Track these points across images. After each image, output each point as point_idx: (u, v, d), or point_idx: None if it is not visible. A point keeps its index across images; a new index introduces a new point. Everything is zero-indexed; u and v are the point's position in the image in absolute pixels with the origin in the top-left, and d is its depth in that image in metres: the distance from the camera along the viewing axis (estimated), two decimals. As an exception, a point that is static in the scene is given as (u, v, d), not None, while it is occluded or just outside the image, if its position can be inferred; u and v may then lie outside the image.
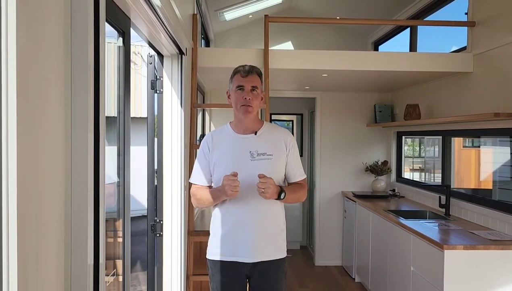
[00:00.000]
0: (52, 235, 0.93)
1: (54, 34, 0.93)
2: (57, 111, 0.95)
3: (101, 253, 1.06)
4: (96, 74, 1.05)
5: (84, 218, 0.99)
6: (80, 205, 0.99)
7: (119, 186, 1.74)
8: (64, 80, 0.98)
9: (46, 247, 0.90)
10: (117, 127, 1.74)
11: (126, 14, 1.73)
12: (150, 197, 2.55)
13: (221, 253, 1.95)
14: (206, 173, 2.00)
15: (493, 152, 3.71)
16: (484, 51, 3.25)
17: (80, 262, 0.98)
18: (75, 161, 0.99)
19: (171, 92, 2.62)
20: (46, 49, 0.89)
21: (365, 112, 5.19)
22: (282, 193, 1.87)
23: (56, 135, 0.94)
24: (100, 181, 1.05)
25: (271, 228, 1.95)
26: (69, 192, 0.98)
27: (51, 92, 0.92)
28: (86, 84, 1.00)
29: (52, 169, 0.93)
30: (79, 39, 0.99)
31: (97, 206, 1.05)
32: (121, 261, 1.80)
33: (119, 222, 1.85)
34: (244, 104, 1.90)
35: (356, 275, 4.65)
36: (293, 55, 3.71)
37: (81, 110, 0.99)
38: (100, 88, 1.06)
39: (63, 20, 0.97)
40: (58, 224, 0.96)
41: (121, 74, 1.73)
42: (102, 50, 1.09)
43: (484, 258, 2.62)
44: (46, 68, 0.89)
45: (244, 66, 1.96)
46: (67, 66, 0.98)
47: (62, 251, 0.97)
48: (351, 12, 5.23)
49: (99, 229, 1.04)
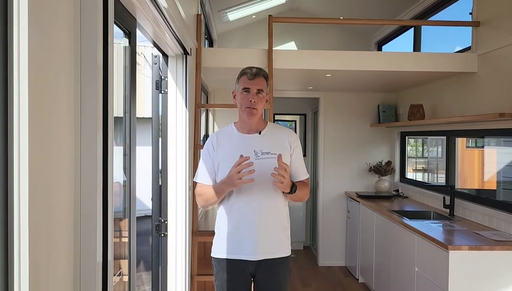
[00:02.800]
0: (62, 233, 0.94)
1: (64, 36, 0.94)
2: (67, 112, 0.96)
3: (110, 251, 1.07)
4: (104, 76, 1.06)
5: (93, 217, 1.00)
6: (89, 203, 1.00)
7: (125, 185, 1.75)
8: (74, 83, 0.99)
9: (56, 245, 0.91)
10: (123, 128, 1.74)
11: (132, 15, 1.73)
12: (155, 197, 2.56)
13: (226, 251, 1.97)
14: (211, 172, 2.01)
15: (497, 152, 3.70)
16: (489, 51, 3.25)
17: (89, 259, 0.98)
18: (85, 161, 1.00)
19: (176, 92, 2.63)
20: (56, 52, 0.90)
21: (369, 113, 5.18)
22: (294, 187, 1.89)
23: (66, 137, 0.95)
24: (108, 180, 1.06)
25: (276, 226, 1.97)
26: (78, 191, 0.99)
27: (61, 94, 0.93)
28: (95, 86, 1.01)
29: (63, 169, 0.94)
30: (88, 42, 1.01)
31: (106, 205, 1.05)
32: (127, 261, 1.81)
33: (125, 221, 1.86)
34: (249, 106, 1.93)
35: (360, 276, 4.64)
36: (297, 55, 3.71)
37: (90, 111, 1.00)
38: (109, 90, 1.07)
39: (72, 22, 0.98)
40: (68, 222, 0.97)
41: (127, 75, 1.73)
42: (111, 52, 1.10)
43: (489, 258, 2.61)
44: (56, 70, 0.91)
45: (252, 68, 1.97)
46: (76, 68, 0.99)
47: (72, 249, 0.98)
48: (354, 12, 5.22)
49: (107, 227, 1.05)
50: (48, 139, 0.86)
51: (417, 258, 3.06)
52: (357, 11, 5.23)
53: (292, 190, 1.89)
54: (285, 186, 1.83)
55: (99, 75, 1.02)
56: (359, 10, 5.21)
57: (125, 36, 1.71)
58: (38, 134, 0.80)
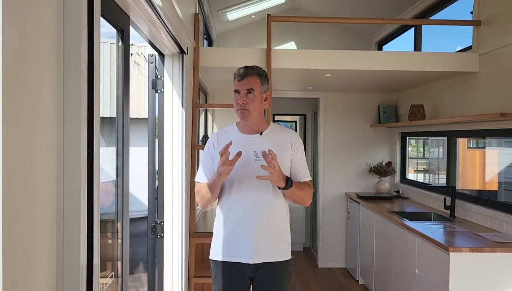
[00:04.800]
0: (43, 234, 0.90)
1: (46, 31, 0.91)
2: (49, 110, 0.93)
3: (95, 254, 1.03)
4: (90, 72, 1.02)
5: (76, 217, 0.96)
6: (72, 203, 0.96)
7: (118, 186, 1.72)
8: (57, 79, 0.95)
9: (37, 247, 0.87)
10: (116, 128, 1.71)
11: (125, 12, 1.70)
12: (151, 198, 2.53)
13: (224, 253, 1.92)
14: (211, 172, 1.97)
15: (498, 153, 3.66)
16: (490, 50, 3.21)
17: (72, 262, 0.95)
18: (68, 161, 0.96)
19: (172, 92, 2.60)
20: (36, 47, 0.87)
21: (369, 113, 5.14)
22: (289, 181, 1.84)
23: (48, 135, 0.92)
24: (94, 180, 1.03)
25: (275, 229, 1.92)
26: (61, 191, 0.96)
27: (42, 91, 0.90)
28: (78, 83, 0.97)
29: (43, 168, 0.91)
30: (72, 35, 0.97)
31: (91, 205, 1.02)
32: (120, 262, 1.77)
33: (119, 223, 1.83)
34: (240, 108, 1.89)
35: (360, 277, 4.60)
36: (296, 55, 3.67)
37: (73, 109, 0.97)
38: (95, 87, 1.04)
39: (55, 15, 0.95)
40: (50, 223, 0.93)
41: (120, 74, 1.70)
42: (97, 47, 1.06)
43: (490, 260, 2.57)
44: (36, 67, 0.87)
45: (240, 69, 1.92)
46: (59, 65, 0.96)
47: (54, 251, 0.94)
48: (354, 12, 5.19)
49: (93, 228, 1.01)
50: (27, 137, 0.83)
51: (418, 259, 3.02)
52: (358, 11, 5.19)
53: (287, 184, 1.83)
54: (277, 179, 1.77)
55: (83, 71, 0.99)
56: (359, 10, 5.18)
57: (118, 34, 1.68)
58: (14, 132, 0.77)
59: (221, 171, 1.77)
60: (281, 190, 1.88)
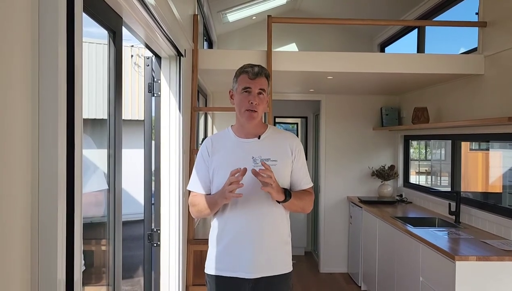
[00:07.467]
0: (15, 246, 0.83)
1: (17, 25, 0.83)
2: (22, 112, 0.85)
3: (76, 267, 0.94)
4: (70, 71, 0.94)
5: (53, 227, 0.87)
6: (48, 213, 0.88)
7: (109, 191, 1.64)
8: (31, 80, 0.87)
9: (8, 260, 0.80)
10: (108, 131, 1.64)
11: (117, 13, 1.63)
12: (147, 205, 2.44)
13: (220, 267, 1.80)
14: (205, 179, 1.84)
15: (502, 156, 3.58)
16: (496, 52, 3.13)
17: (48, 276, 0.86)
18: (44, 166, 0.88)
19: (169, 95, 2.52)
20: (4, 42, 0.79)
21: (371, 116, 5.07)
22: (287, 193, 1.73)
23: (21, 137, 0.85)
24: (75, 186, 0.95)
25: (275, 241, 1.80)
26: (36, 198, 0.88)
27: (14, 91, 0.82)
28: (56, 83, 0.88)
29: (15, 170, 0.83)
30: (47, 33, 0.88)
31: (72, 214, 0.93)
32: (112, 270, 1.70)
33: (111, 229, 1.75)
34: (249, 109, 1.75)
35: (362, 283, 4.51)
36: (297, 57, 3.60)
37: (50, 111, 0.88)
38: (76, 88, 0.95)
39: (29, 9, 0.87)
40: (24, 234, 0.86)
41: (112, 76, 1.63)
42: (79, 45, 0.98)
43: (498, 269, 2.49)
44: (7, 65, 0.80)
45: (253, 67, 1.80)
46: (34, 64, 0.88)
47: (29, 264, 0.87)
48: (356, 13, 5.12)
49: (73, 239, 0.93)
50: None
51: (422, 267, 2.94)
52: (359, 12, 5.12)
53: (286, 197, 1.73)
54: (275, 192, 1.67)
55: (61, 71, 0.90)
56: (361, 12, 5.11)
57: (109, 35, 1.60)
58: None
59: (227, 196, 1.63)
60: (280, 203, 1.78)
